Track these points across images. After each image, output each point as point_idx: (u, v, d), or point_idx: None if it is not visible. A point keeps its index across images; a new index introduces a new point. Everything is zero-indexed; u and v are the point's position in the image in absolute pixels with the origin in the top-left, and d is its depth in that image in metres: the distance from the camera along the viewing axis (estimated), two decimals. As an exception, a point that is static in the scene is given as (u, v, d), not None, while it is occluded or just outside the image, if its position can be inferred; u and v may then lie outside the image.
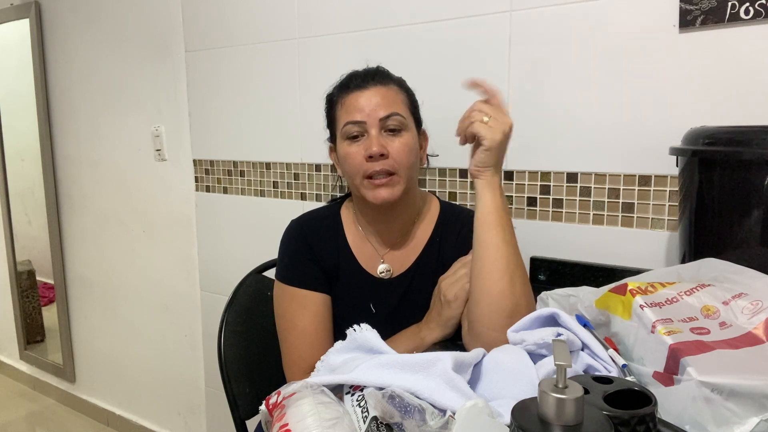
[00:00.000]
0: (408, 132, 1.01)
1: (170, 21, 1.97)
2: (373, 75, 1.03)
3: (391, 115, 0.99)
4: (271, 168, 1.80)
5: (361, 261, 1.08)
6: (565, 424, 0.46)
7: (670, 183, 1.15)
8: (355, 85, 1.02)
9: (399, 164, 0.98)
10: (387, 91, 1.01)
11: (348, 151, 1.00)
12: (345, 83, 1.04)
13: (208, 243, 2.04)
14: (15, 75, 2.70)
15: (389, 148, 0.98)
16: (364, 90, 1.00)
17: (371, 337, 0.79)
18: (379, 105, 0.99)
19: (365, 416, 0.63)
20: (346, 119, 1.00)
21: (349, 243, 1.09)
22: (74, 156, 2.46)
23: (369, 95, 0.99)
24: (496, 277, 0.88)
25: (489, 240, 0.90)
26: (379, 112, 0.98)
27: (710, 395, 0.58)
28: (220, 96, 1.89)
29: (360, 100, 0.99)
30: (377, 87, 1.01)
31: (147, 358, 2.37)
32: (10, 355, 3.11)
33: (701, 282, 0.76)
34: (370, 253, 1.09)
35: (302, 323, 1.05)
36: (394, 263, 1.09)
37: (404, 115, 1.01)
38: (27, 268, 2.93)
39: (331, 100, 1.07)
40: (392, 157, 0.98)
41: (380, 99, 0.99)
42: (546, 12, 1.24)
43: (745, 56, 1.05)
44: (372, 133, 0.98)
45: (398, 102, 1.02)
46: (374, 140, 0.97)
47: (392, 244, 1.09)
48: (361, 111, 0.99)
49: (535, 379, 0.68)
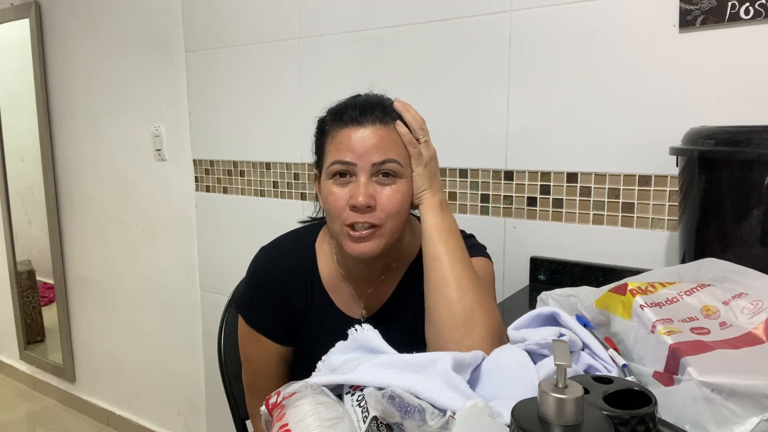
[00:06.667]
0: (403, 179, 0.88)
1: (170, 21, 1.97)
2: (372, 109, 0.88)
3: (386, 162, 0.86)
4: (271, 168, 1.80)
5: (338, 303, 0.99)
6: (565, 424, 0.46)
7: (670, 183, 1.15)
8: (349, 118, 0.87)
9: (387, 216, 0.86)
10: (386, 132, 0.87)
11: (331, 191, 0.87)
12: (339, 113, 0.90)
13: (208, 243, 2.04)
14: (15, 75, 2.71)
15: (378, 198, 0.85)
16: (360, 127, 0.86)
17: (372, 337, 0.79)
18: (375, 147, 0.85)
19: (365, 416, 0.63)
20: (335, 157, 0.87)
21: (324, 284, 0.99)
22: (74, 156, 2.46)
23: (364, 134, 0.86)
24: (442, 286, 0.84)
25: (432, 254, 0.86)
26: (374, 156, 0.85)
27: (710, 395, 0.58)
28: (220, 96, 1.89)
29: (353, 139, 0.86)
30: (375, 126, 0.87)
31: (147, 358, 2.37)
32: (10, 355, 3.11)
33: (701, 282, 0.76)
34: (349, 293, 0.99)
35: (257, 364, 1.02)
36: (372, 301, 1.00)
37: (402, 162, 0.87)
38: (27, 268, 2.93)
39: (323, 127, 0.93)
40: (380, 208, 0.85)
41: (377, 141, 0.86)
42: (546, 12, 1.24)
43: (745, 56, 1.05)
44: (361, 180, 0.85)
45: (396, 145, 0.88)
46: (362, 189, 0.84)
47: (372, 284, 0.99)
48: (352, 151, 0.85)
49: (535, 379, 0.68)
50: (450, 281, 0.83)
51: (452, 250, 0.86)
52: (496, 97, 1.33)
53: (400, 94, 1.12)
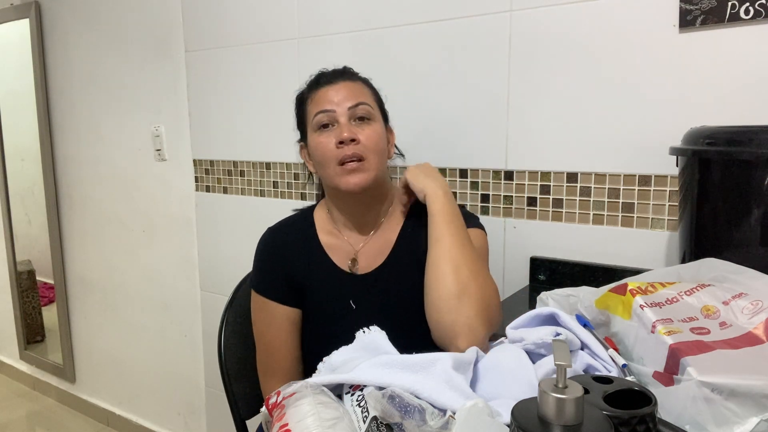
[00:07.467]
0: (376, 122, 1.07)
1: (170, 21, 1.97)
2: (341, 73, 1.10)
3: (359, 104, 1.05)
4: (271, 168, 1.80)
5: (335, 259, 1.10)
6: (565, 424, 0.46)
7: (670, 183, 1.15)
8: (324, 81, 1.08)
9: (369, 150, 1.03)
10: (354, 85, 1.08)
11: (319, 141, 1.05)
12: (314, 81, 1.11)
13: (208, 243, 2.04)
14: (15, 75, 2.71)
15: (359, 135, 1.03)
16: (333, 84, 1.07)
17: (378, 338, 0.79)
18: (348, 96, 1.05)
19: (365, 416, 0.63)
20: (317, 109, 1.05)
21: (322, 242, 1.11)
22: (74, 156, 2.46)
23: (337, 88, 1.06)
24: (441, 263, 0.94)
25: (435, 235, 0.97)
26: (348, 102, 1.05)
27: (710, 395, 0.58)
28: (220, 96, 1.89)
29: (329, 93, 1.06)
30: (345, 82, 1.08)
31: (147, 358, 2.37)
32: (10, 355, 3.11)
33: (701, 282, 0.76)
34: (345, 249, 1.11)
35: (268, 336, 1.11)
36: (369, 258, 1.10)
37: (372, 105, 1.08)
38: (27, 268, 2.93)
39: (301, 98, 1.12)
40: (362, 143, 1.03)
41: (348, 91, 1.06)
42: (546, 12, 1.24)
43: (745, 56, 1.05)
44: (341, 121, 1.04)
45: (366, 94, 1.08)
46: (344, 127, 1.03)
47: (366, 238, 1.11)
48: (330, 101, 1.05)
49: (533, 378, 0.68)
50: (449, 259, 0.94)
51: (454, 232, 0.96)
52: (496, 97, 1.33)
53: (400, 93, 1.13)
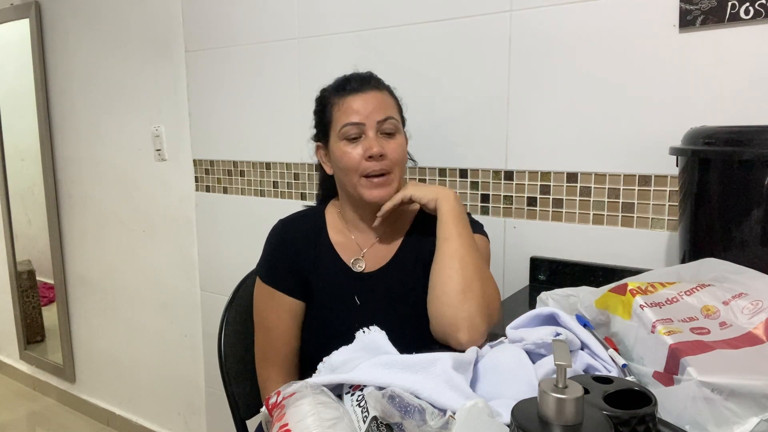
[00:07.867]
0: (400, 134, 1.08)
1: (170, 21, 1.97)
2: (368, 80, 1.10)
3: (387, 119, 1.05)
4: (271, 168, 1.80)
5: (343, 256, 1.12)
6: (565, 424, 0.46)
7: (670, 183, 1.15)
8: (351, 89, 1.07)
9: (394, 163, 1.05)
10: (382, 96, 1.08)
11: (345, 151, 1.05)
12: (341, 86, 1.10)
13: (208, 243, 2.04)
14: (15, 75, 2.70)
15: (386, 148, 1.04)
16: (361, 93, 1.06)
17: (378, 338, 0.79)
18: (376, 109, 1.05)
19: (365, 416, 0.63)
20: (345, 121, 1.05)
21: (331, 239, 1.13)
22: (74, 156, 2.46)
23: (366, 99, 1.06)
24: (447, 261, 0.98)
25: (443, 235, 1.01)
26: (377, 115, 1.04)
27: (710, 395, 0.58)
28: (220, 96, 1.89)
29: (357, 103, 1.05)
30: (373, 92, 1.07)
31: (147, 358, 2.37)
32: (10, 355, 3.11)
33: (701, 282, 0.76)
34: (353, 248, 1.13)
35: (271, 323, 1.12)
36: (376, 258, 1.12)
37: (397, 118, 1.08)
38: (27, 268, 2.93)
39: (324, 101, 1.12)
40: (388, 157, 1.04)
41: (377, 103, 1.06)
42: (546, 12, 1.24)
43: (745, 56, 1.05)
44: (370, 135, 1.04)
45: (392, 106, 1.09)
46: (373, 141, 1.03)
47: (374, 239, 1.13)
48: (359, 113, 1.04)
49: (533, 378, 0.68)
50: (457, 257, 0.98)
51: (462, 233, 1.00)
52: (496, 97, 1.33)
53: (400, 94, 1.13)
